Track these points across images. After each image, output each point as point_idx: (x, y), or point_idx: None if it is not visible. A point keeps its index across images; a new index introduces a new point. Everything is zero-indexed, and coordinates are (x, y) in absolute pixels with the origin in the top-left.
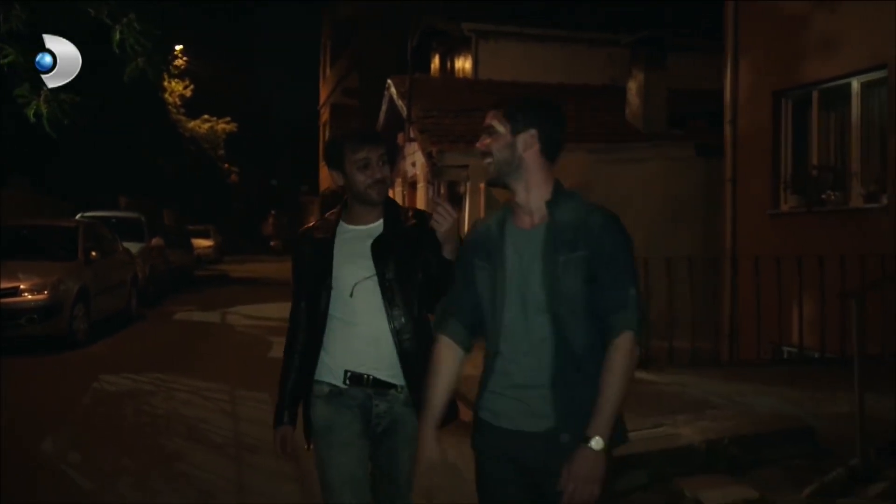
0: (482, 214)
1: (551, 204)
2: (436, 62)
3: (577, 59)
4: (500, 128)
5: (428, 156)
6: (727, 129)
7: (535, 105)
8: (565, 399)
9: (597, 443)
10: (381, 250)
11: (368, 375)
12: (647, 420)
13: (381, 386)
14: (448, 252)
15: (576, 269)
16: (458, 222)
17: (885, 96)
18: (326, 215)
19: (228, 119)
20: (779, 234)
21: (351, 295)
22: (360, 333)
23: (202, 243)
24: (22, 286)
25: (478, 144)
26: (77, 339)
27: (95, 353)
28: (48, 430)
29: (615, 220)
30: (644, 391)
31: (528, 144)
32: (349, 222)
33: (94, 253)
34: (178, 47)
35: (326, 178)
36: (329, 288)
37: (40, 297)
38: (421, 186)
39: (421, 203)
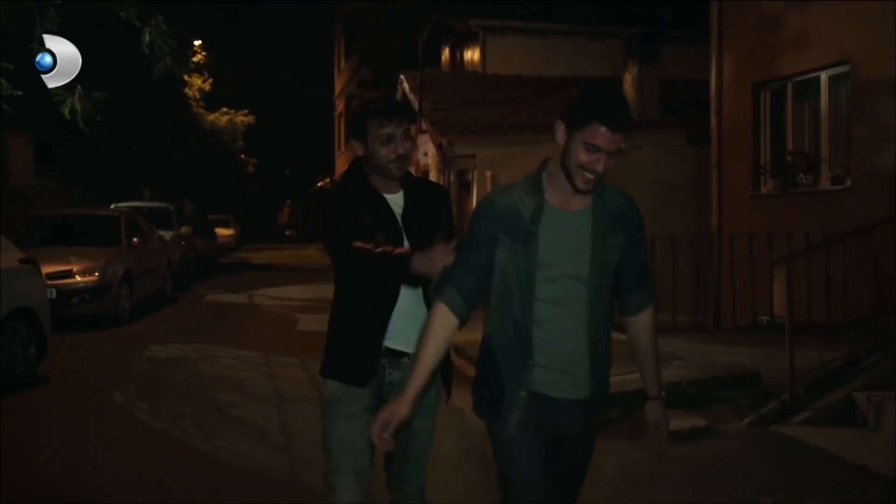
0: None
1: (601, 191)
2: (446, 55)
3: (579, 52)
4: (622, 145)
5: (438, 146)
6: (713, 119)
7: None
8: (598, 370)
9: (663, 398)
10: (408, 222)
11: (383, 346)
12: (624, 369)
13: (393, 355)
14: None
15: (618, 250)
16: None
17: (849, 89)
18: (343, 179)
19: (246, 112)
20: (759, 215)
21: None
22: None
23: (223, 232)
24: (74, 269)
25: (607, 165)
26: (122, 317)
27: (140, 329)
28: (115, 387)
29: (635, 205)
30: (625, 349)
31: None
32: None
33: (135, 239)
34: (197, 42)
35: (342, 167)
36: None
37: (91, 279)
38: (433, 175)
39: None
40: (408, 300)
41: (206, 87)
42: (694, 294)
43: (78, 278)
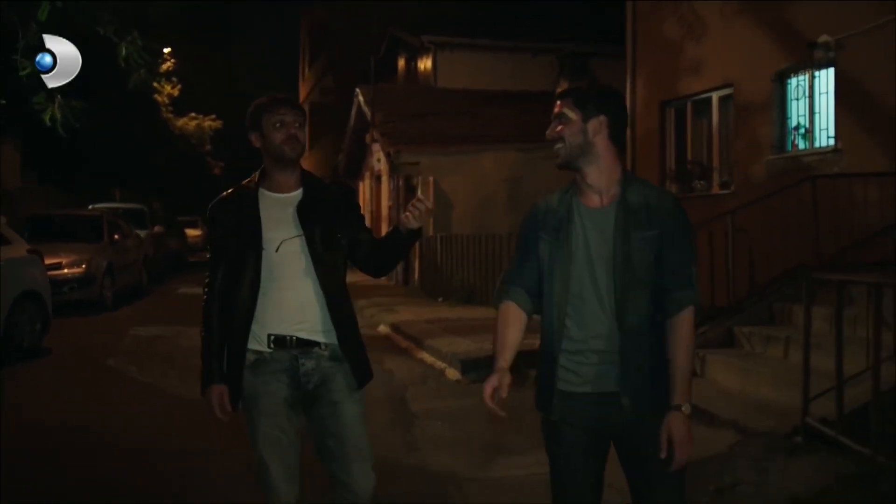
0: (431, 201)
1: (624, 184)
2: (402, 66)
3: (522, 67)
4: (572, 115)
5: (387, 154)
6: (629, 132)
7: (604, 93)
8: (629, 366)
9: (686, 408)
10: (305, 213)
11: (292, 336)
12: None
13: (305, 345)
14: (415, 223)
15: (649, 245)
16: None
17: (733, 108)
18: (243, 182)
19: (214, 116)
20: None
21: (277, 250)
22: (285, 296)
23: (192, 232)
24: (63, 262)
25: (549, 132)
26: (106, 305)
27: (122, 314)
28: (107, 356)
29: (680, 203)
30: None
31: (597, 130)
32: (269, 189)
33: (116, 236)
34: (167, 50)
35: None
36: (259, 251)
37: (78, 270)
38: (384, 179)
39: (385, 193)
40: (312, 291)
41: (175, 92)
42: None
43: (67, 270)
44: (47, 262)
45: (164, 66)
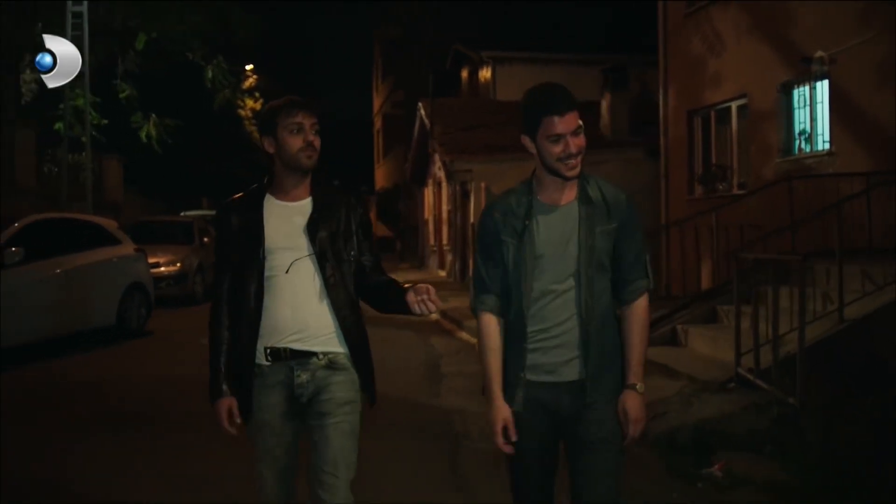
0: (482, 206)
1: (583, 182)
2: (465, 77)
3: (576, 78)
4: (579, 122)
5: (444, 163)
6: (661, 139)
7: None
8: (592, 355)
9: (640, 388)
10: (315, 229)
11: (285, 348)
12: None
13: (300, 356)
14: (418, 312)
15: (609, 238)
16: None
17: (748, 116)
18: (253, 186)
19: None
20: (693, 212)
21: (287, 272)
22: (284, 309)
23: None
24: (161, 262)
25: (576, 144)
26: (197, 298)
27: None
28: (201, 336)
29: (631, 199)
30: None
31: None
32: (277, 196)
33: (205, 239)
34: (249, 67)
35: (381, 178)
36: (262, 263)
37: (174, 269)
38: (444, 186)
39: (445, 198)
40: (316, 303)
41: (258, 106)
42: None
43: (164, 269)
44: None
45: (248, 83)
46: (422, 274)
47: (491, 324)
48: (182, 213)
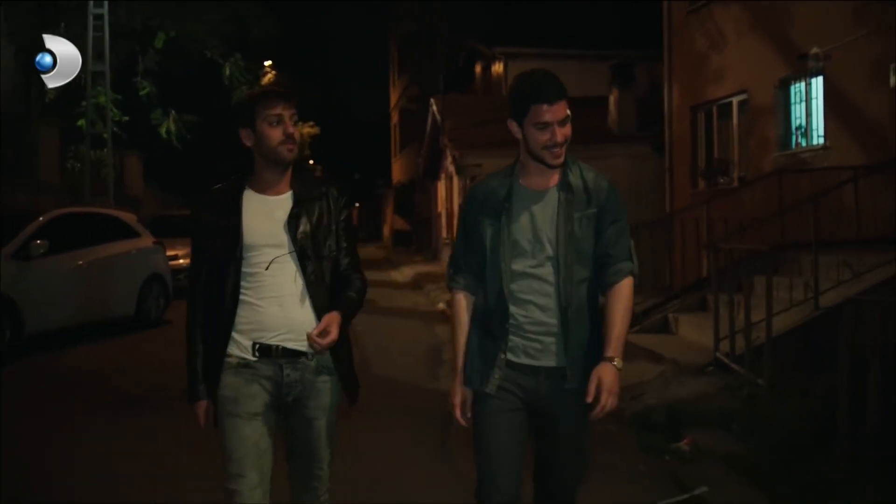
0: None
1: (565, 168)
2: (478, 72)
3: (588, 73)
4: (567, 112)
5: (454, 158)
6: (666, 133)
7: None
8: (571, 340)
9: (618, 362)
10: (295, 225)
11: (277, 346)
12: None
13: (290, 355)
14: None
15: (589, 224)
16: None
17: (748, 112)
18: (231, 179)
19: (312, 123)
20: (696, 204)
21: (267, 269)
22: (272, 306)
23: None
24: (179, 254)
25: (563, 134)
26: None
27: None
28: None
29: (614, 185)
30: None
31: None
32: (257, 190)
33: None
34: (267, 63)
35: (398, 172)
36: (239, 260)
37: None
38: (455, 180)
39: (456, 192)
40: (298, 301)
41: None
42: (655, 260)
43: (181, 260)
44: (168, 253)
45: (266, 79)
46: (434, 266)
47: (462, 302)
48: None
